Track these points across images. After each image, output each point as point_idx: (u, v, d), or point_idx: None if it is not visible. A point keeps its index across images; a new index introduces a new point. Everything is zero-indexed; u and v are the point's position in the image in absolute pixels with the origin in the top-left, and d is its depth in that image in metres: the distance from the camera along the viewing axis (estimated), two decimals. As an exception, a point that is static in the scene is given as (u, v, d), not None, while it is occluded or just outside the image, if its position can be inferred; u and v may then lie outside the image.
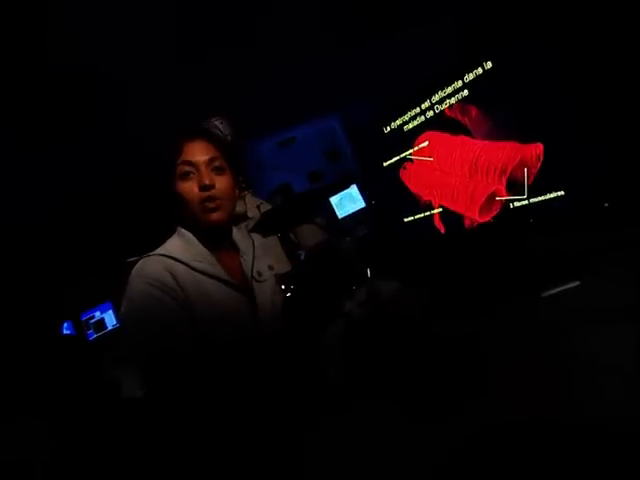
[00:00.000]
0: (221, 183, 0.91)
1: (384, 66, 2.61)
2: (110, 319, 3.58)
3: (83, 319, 3.54)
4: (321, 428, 0.80)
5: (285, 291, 0.99)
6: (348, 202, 3.61)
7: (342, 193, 3.59)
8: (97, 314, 3.58)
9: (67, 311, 3.51)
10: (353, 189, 3.58)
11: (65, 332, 3.49)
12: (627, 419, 0.57)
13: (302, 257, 0.98)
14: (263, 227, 1.12)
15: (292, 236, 1.75)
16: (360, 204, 3.57)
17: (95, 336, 3.51)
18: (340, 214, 3.59)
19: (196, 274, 0.88)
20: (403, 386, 0.84)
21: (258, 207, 2.06)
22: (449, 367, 0.86)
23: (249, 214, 1.88)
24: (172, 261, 0.87)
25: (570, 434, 0.58)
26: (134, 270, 0.86)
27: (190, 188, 0.89)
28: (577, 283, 1.04)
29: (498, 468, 0.58)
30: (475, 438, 0.64)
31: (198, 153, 0.91)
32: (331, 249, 1.01)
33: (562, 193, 1.35)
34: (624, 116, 1.24)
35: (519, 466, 0.57)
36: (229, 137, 0.96)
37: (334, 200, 3.60)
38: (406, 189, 1.92)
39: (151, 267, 0.86)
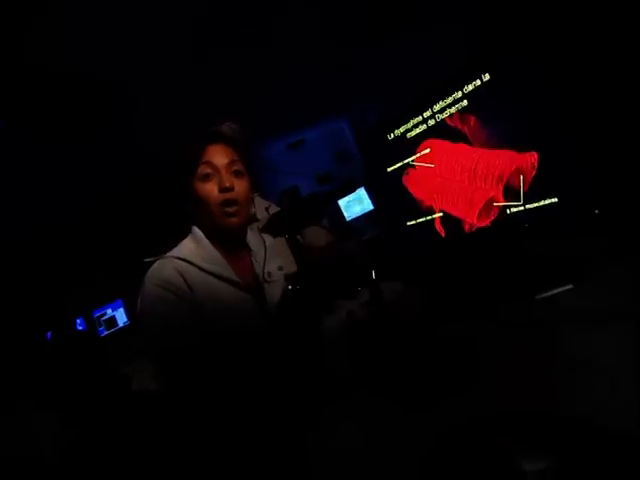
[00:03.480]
0: (240, 186, 0.93)
1: (391, 69, 2.65)
2: (121, 316, 3.63)
3: (95, 316, 3.60)
4: (324, 418, 0.84)
5: (294, 291, 1.01)
6: (356, 204, 3.61)
7: (350, 195, 3.60)
8: (108, 311, 3.62)
9: (79, 308, 3.57)
10: (361, 191, 3.58)
11: (77, 328, 3.55)
12: (614, 419, 0.60)
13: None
14: (271, 229, 1.17)
15: (299, 238, 1.80)
16: (368, 206, 3.57)
17: (106, 333, 3.57)
18: (348, 216, 3.61)
19: (206, 276, 0.91)
20: (403, 382, 0.88)
21: (267, 209, 2.11)
22: (446, 365, 0.89)
23: (258, 216, 1.93)
24: (183, 263, 0.90)
25: (557, 428, 0.61)
26: (148, 272, 0.89)
27: (210, 189, 0.90)
28: (570, 286, 1.07)
29: (482, 458, 0.63)
30: (466, 429, 0.68)
31: (219, 156, 0.92)
32: (339, 251, 1.05)
33: (555, 200, 1.39)
34: (615, 126, 1.28)
35: (503, 456, 0.61)
36: (246, 141, 1.00)
37: (342, 202, 3.61)
38: (409, 194, 1.96)
39: (163, 269, 0.89)
